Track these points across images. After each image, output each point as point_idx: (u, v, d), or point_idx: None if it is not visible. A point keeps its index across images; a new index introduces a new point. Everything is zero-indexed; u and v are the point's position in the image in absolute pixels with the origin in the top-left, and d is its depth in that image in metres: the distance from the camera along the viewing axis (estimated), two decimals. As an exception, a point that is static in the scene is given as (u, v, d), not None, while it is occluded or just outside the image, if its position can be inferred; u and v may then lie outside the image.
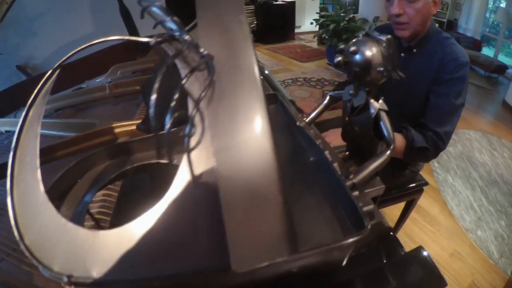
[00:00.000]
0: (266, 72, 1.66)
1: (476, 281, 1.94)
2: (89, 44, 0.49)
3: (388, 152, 0.58)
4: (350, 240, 0.38)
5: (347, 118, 0.67)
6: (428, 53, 1.28)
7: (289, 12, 7.37)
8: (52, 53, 2.50)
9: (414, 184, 1.61)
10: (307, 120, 0.69)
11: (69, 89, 1.43)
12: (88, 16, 2.61)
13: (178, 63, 0.41)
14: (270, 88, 1.42)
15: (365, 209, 0.48)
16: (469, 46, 6.68)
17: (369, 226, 0.42)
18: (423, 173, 1.72)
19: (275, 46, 6.92)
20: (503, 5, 6.81)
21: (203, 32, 0.42)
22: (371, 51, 0.56)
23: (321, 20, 5.38)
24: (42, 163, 0.78)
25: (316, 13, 6.16)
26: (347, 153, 0.74)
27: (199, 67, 0.37)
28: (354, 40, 0.59)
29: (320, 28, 5.47)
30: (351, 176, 0.55)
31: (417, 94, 1.31)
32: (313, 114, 0.70)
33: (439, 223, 2.32)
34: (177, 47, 0.38)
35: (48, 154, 0.78)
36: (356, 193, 0.53)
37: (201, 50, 0.38)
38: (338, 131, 0.95)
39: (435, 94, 1.25)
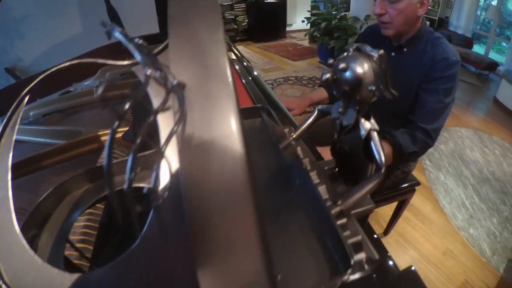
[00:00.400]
0: (255, 73, 1.64)
1: (469, 279, 1.95)
2: (58, 67, 0.47)
3: (378, 178, 0.54)
4: (333, 282, 0.36)
5: (336, 136, 0.64)
6: (418, 52, 1.28)
7: (280, 10, 7.33)
8: (40, 54, 2.46)
9: (406, 184, 1.62)
10: (294, 136, 0.67)
11: (55, 94, 1.42)
12: (76, 17, 2.56)
13: (149, 90, 0.38)
14: (259, 91, 1.41)
15: (351, 241, 0.45)
16: (460, 44, 6.73)
17: (353, 263, 0.40)
18: (415, 172, 1.72)
19: (267, 45, 6.90)
20: (494, 2, 6.86)
21: (175, 55, 0.38)
22: (362, 68, 0.51)
23: (313, 18, 5.38)
24: (28, 173, 0.76)
25: (308, 11, 6.15)
26: (336, 169, 0.71)
27: (167, 100, 0.34)
28: (343, 55, 0.55)
29: (311, 27, 5.46)
30: (339, 202, 0.51)
31: (408, 93, 1.31)
32: (301, 129, 0.67)
33: (431, 222, 2.32)
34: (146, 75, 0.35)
35: (34, 164, 0.77)
36: (343, 220, 0.51)
37: (171, 79, 0.34)
38: None
39: (424, 92, 1.26)
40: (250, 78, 1.55)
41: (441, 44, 1.24)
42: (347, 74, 0.53)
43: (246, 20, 7.05)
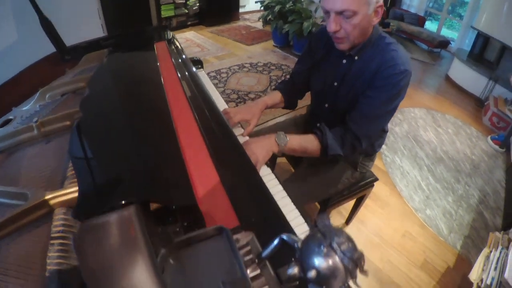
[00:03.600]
0: (194, 69, 1.57)
1: (429, 259, 2.01)
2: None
3: None
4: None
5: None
6: (367, 59, 1.24)
7: (233, -9, 7.13)
8: None
9: (364, 182, 1.63)
10: (263, 255, 0.58)
11: None
12: (10, 23, 2.37)
13: None
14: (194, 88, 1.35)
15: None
16: (412, 22, 6.88)
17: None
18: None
19: (219, 29, 6.68)
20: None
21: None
22: (334, 275, 0.45)
23: (266, 1, 5.26)
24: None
25: (261, -8, 6.03)
26: None
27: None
28: (312, 257, 0.47)
29: (265, 10, 5.34)
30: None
31: (357, 98, 1.28)
32: (265, 253, 0.58)
33: (389, 206, 2.35)
34: None
35: None
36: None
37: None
38: None
39: (363, 96, 1.24)
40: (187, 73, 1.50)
41: (390, 51, 1.20)
42: (316, 277, 0.46)
43: (198, 4, 6.78)
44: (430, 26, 7.52)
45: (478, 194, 2.61)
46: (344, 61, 1.31)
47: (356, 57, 1.27)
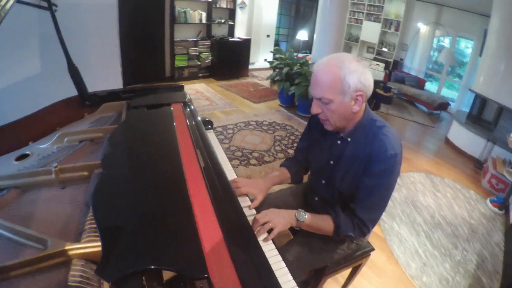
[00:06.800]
0: (199, 118, 1.75)
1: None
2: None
3: None
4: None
5: None
6: (361, 143, 1.34)
7: (244, 49, 7.55)
8: None
9: (360, 252, 1.65)
10: None
11: (12, 153, 1.41)
12: (36, 54, 2.55)
13: None
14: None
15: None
16: (413, 85, 7.15)
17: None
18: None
19: (228, 83, 6.99)
20: (446, 45, 7.36)
21: None
22: None
23: (275, 62, 5.55)
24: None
25: (270, 51, 6.33)
26: None
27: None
28: None
29: (273, 70, 5.62)
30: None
31: (352, 179, 1.38)
32: None
33: (386, 273, 2.38)
34: None
35: (1, 273, 0.78)
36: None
37: None
38: None
39: (363, 185, 1.33)
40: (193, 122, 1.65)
41: (381, 135, 1.29)
42: None
43: (210, 58, 7.20)
44: (430, 87, 7.79)
45: (476, 259, 2.63)
46: (339, 142, 1.42)
47: (349, 139, 1.37)
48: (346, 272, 1.93)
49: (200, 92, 6.18)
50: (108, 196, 1.00)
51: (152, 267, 0.74)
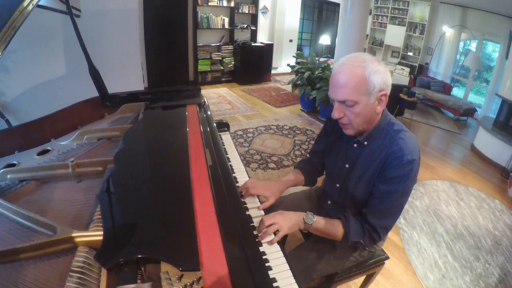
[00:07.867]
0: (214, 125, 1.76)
1: None
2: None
3: None
4: None
5: None
6: (376, 146, 1.31)
7: (266, 54, 7.60)
8: (23, 91, 2.55)
9: (373, 260, 1.63)
10: None
11: (35, 148, 1.49)
12: (60, 56, 2.67)
13: None
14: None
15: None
16: (439, 90, 6.97)
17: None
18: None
19: (250, 88, 7.06)
20: (473, 49, 7.16)
21: None
22: None
23: (297, 67, 5.55)
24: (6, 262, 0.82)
25: (293, 56, 6.34)
26: None
27: None
28: None
29: (295, 74, 5.63)
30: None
31: (367, 184, 1.35)
32: None
33: (402, 284, 2.32)
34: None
35: (12, 255, 0.83)
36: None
37: None
38: None
39: (377, 190, 1.29)
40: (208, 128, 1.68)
41: (398, 139, 1.25)
42: None
43: (233, 62, 7.30)
44: (457, 92, 7.58)
45: (498, 273, 2.54)
46: (355, 145, 1.39)
47: (365, 143, 1.34)
48: (359, 280, 1.91)
49: (222, 96, 6.26)
50: (114, 188, 1.07)
51: (145, 256, 0.80)
